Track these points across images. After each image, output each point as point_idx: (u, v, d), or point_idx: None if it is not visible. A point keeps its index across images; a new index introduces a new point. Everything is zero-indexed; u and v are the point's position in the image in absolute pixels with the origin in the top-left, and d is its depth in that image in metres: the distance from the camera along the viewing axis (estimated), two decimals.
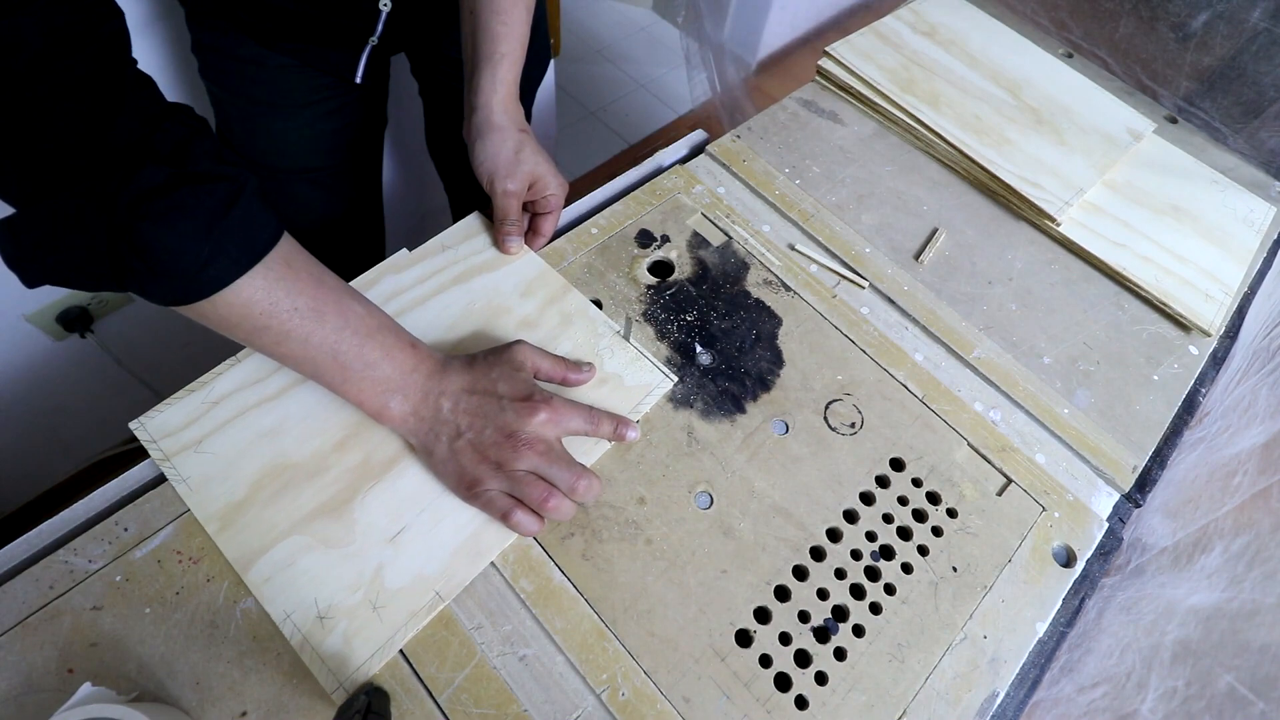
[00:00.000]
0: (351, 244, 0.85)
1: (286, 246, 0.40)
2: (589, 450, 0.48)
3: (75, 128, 0.33)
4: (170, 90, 0.80)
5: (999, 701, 0.44)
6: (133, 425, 0.45)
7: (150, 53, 0.79)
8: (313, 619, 0.40)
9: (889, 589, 0.47)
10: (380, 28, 0.63)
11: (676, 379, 0.52)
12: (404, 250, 0.56)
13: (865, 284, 0.61)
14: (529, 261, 0.57)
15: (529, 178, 0.56)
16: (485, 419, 0.43)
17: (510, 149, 0.56)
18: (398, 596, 0.41)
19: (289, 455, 0.45)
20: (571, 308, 0.55)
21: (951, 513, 0.50)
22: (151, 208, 0.34)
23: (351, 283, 0.53)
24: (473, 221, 0.59)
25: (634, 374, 0.52)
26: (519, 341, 0.48)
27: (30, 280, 0.35)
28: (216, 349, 0.45)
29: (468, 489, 0.43)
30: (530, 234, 0.58)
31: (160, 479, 0.44)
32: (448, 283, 0.55)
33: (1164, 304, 0.63)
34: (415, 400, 0.44)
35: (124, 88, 0.35)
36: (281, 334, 0.40)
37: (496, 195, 0.56)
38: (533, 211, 0.59)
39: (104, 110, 0.34)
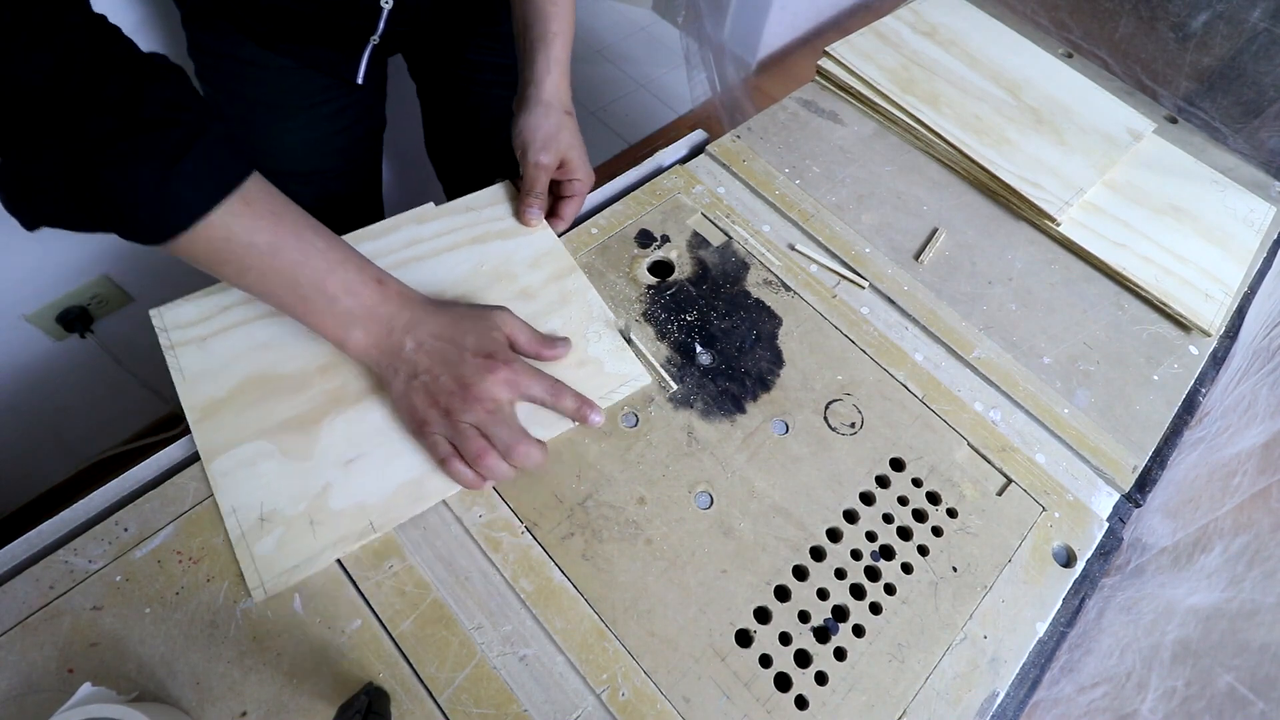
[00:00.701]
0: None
1: (250, 185, 0.41)
2: (550, 424, 0.49)
3: (33, 78, 0.34)
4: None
5: (999, 701, 0.44)
6: (152, 312, 0.50)
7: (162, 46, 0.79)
8: (255, 519, 0.42)
9: (889, 589, 0.46)
10: (382, 26, 0.63)
11: (676, 385, 0.52)
12: (430, 204, 0.58)
13: (865, 284, 0.61)
14: (545, 236, 0.58)
15: (561, 155, 0.58)
16: (444, 366, 0.45)
17: (552, 124, 0.58)
18: (335, 518, 0.43)
19: (276, 368, 0.48)
20: (572, 287, 0.56)
21: (951, 513, 0.50)
22: (106, 155, 0.35)
23: (374, 226, 0.56)
24: (500, 189, 0.61)
25: (615, 362, 0.53)
26: (504, 308, 0.50)
27: (27, 222, 0.37)
28: None
29: (417, 428, 0.45)
30: (551, 216, 0.60)
31: (160, 479, 0.44)
32: (463, 242, 0.57)
33: (1164, 304, 0.63)
34: (377, 334, 0.45)
35: (80, 38, 0.36)
36: (241, 268, 0.42)
37: (528, 165, 0.57)
38: (558, 194, 0.61)
39: (60, 61, 0.35)
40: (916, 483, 0.51)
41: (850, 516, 0.49)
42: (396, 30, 0.65)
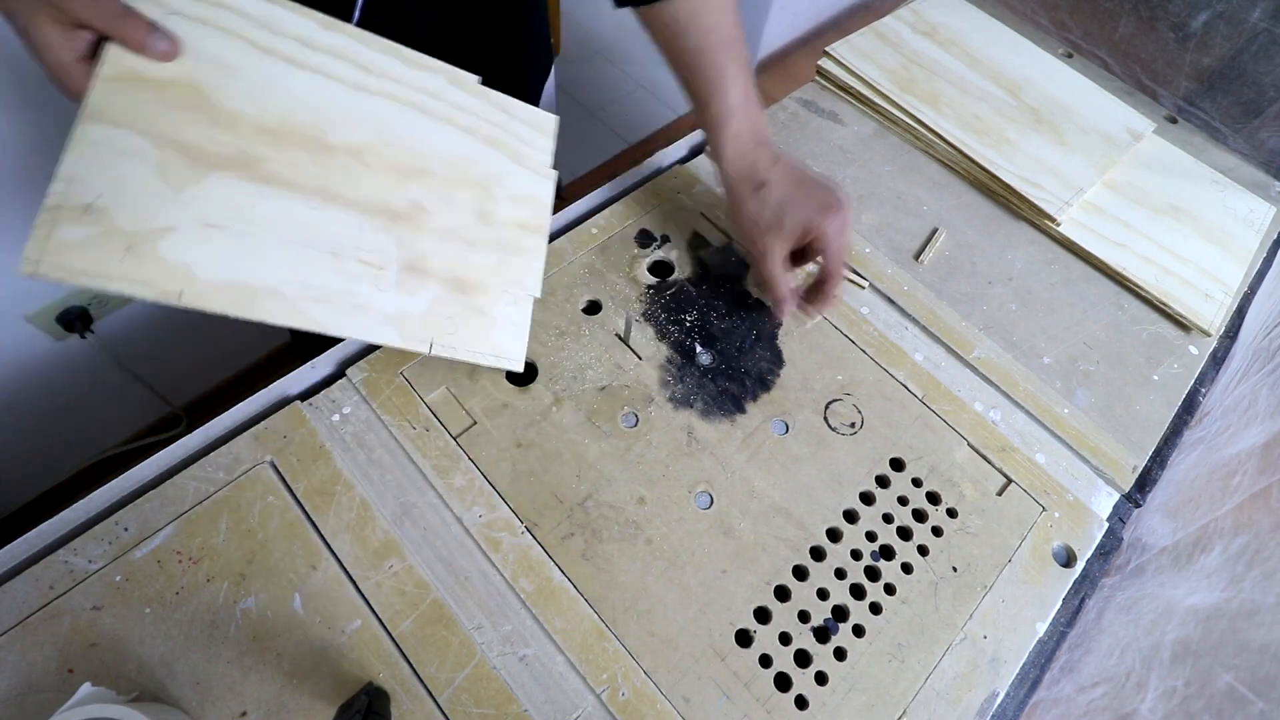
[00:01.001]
0: None
1: None
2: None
3: None
4: None
5: (999, 701, 0.44)
6: None
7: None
8: (81, 203, 0.36)
9: (889, 589, 0.47)
10: (357, 14, 0.62)
11: (521, 368, 0.49)
12: (476, 78, 0.51)
13: (865, 284, 0.61)
14: (545, 189, 0.52)
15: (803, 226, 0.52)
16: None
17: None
18: (154, 261, 0.38)
19: (220, 93, 0.41)
20: (528, 245, 0.50)
21: (951, 513, 0.50)
22: None
23: (407, 50, 0.49)
24: (549, 122, 0.54)
25: (505, 332, 0.48)
26: None
27: None
28: (216, 349, 0.44)
29: None
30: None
31: (160, 479, 0.44)
32: (478, 131, 0.50)
33: (1164, 304, 0.63)
34: None
35: None
36: None
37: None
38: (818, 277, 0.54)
39: None
40: (916, 483, 0.51)
41: (850, 516, 0.49)
42: (375, 22, 0.65)
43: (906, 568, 0.47)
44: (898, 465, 0.52)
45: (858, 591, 0.46)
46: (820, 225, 0.50)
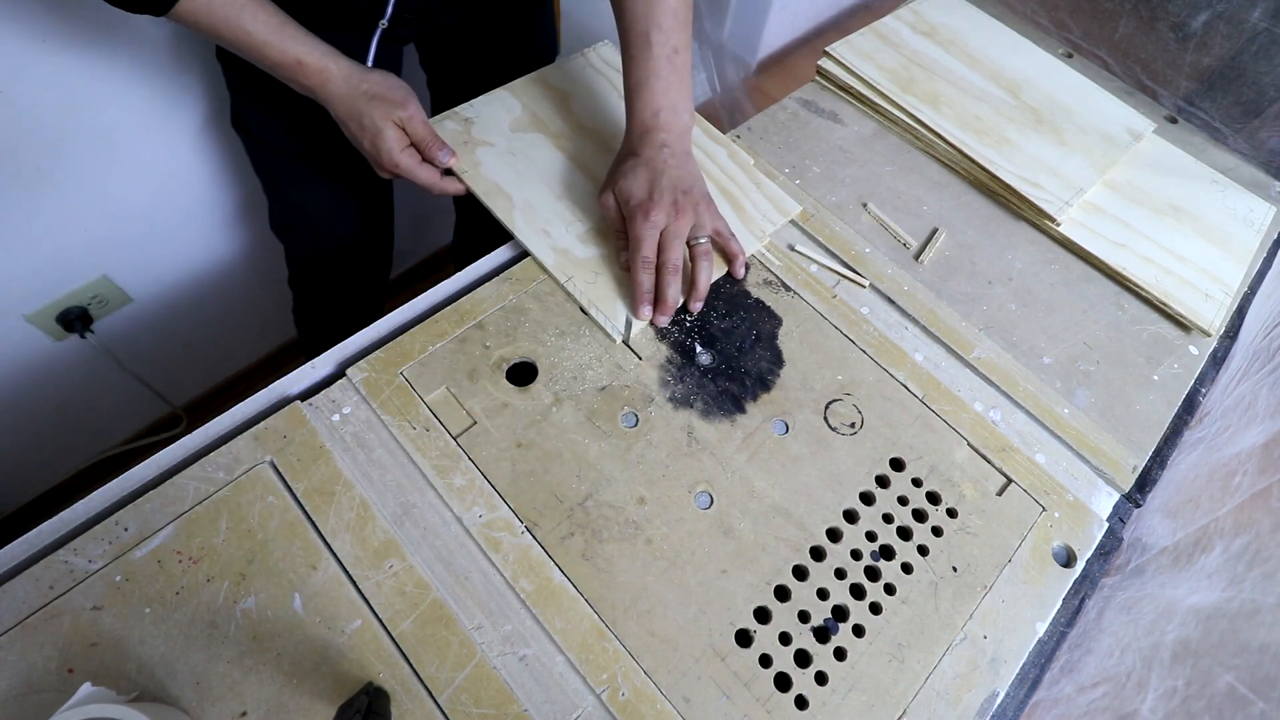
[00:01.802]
0: (362, 232, 0.85)
1: None
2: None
3: None
4: (188, 69, 0.80)
5: (999, 701, 0.44)
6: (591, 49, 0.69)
7: (167, 31, 0.78)
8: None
9: (889, 589, 0.46)
10: (390, 10, 0.63)
11: (620, 335, 0.54)
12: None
13: (866, 283, 0.61)
14: (750, 245, 0.61)
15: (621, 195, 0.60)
16: (355, 139, 0.60)
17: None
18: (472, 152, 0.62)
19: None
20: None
21: (951, 513, 0.50)
22: None
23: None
24: (794, 208, 0.64)
25: (621, 305, 0.55)
26: (410, 98, 0.59)
27: None
28: (216, 349, 0.44)
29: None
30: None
31: (160, 479, 0.44)
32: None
33: (1164, 304, 0.63)
34: (313, 95, 0.59)
35: None
36: (226, 43, 0.55)
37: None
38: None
39: None
40: (916, 483, 0.51)
41: (850, 516, 0.49)
42: (405, 17, 0.65)
43: (906, 568, 0.47)
44: (898, 465, 0.52)
45: (858, 591, 0.46)
46: (630, 210, 0.55)
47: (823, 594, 0.46)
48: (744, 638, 0.44)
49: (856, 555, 0.48)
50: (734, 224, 0.60)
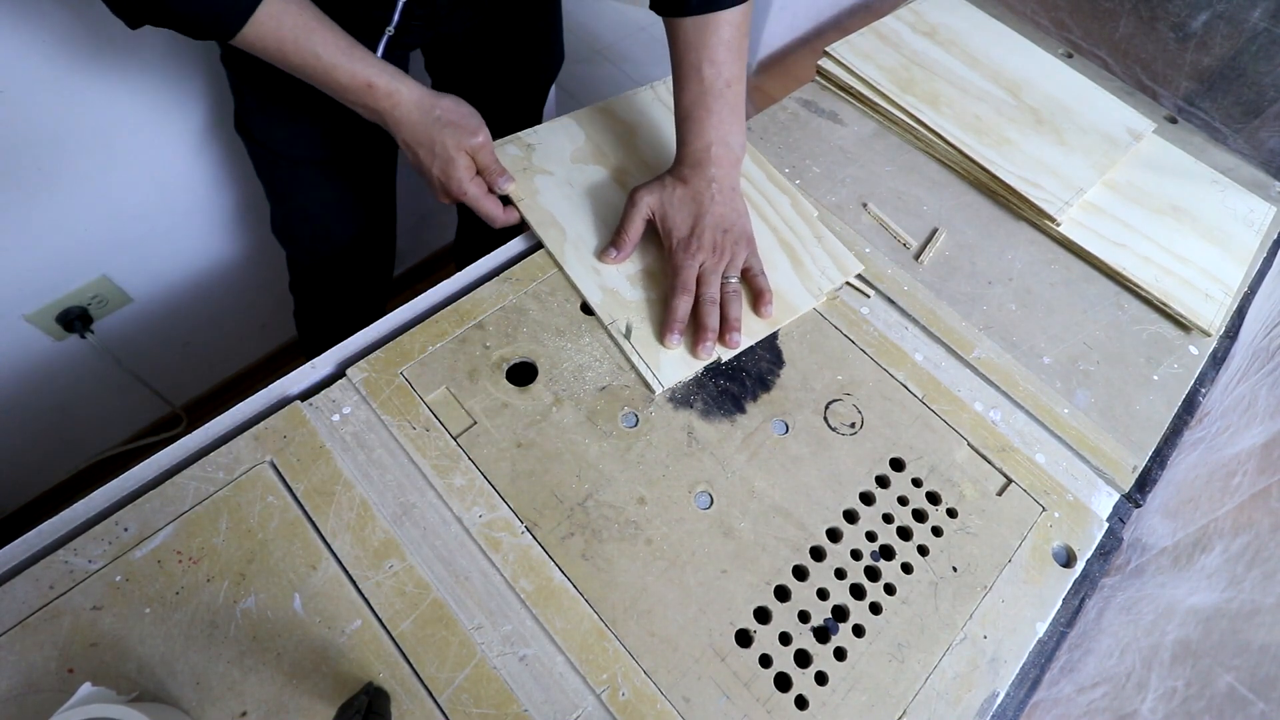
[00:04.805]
0: (365, 236, 0.85)
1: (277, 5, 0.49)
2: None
3: None
4: (192, 75, 0.80)
5: (999, 701, 0.44)
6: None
7: (169, 32, 0.78)
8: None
9: (889, 589, 0.47)
10: (397, 16, 0.63)
11: (662, 386, 0.52)
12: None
13: (870, 293, 0.61)
14: (805, 302, 0.59)
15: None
16: (424, 166, 0.59)
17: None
18: (530, 180, 0.62)
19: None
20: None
21: (951, 513, 0.50)
22: None
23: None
24: (855, 267, 0.62)
25: (671, 359, 0.54)
26: (482, 126, 0.58)
27: (130, 21, 0.48)
28: (216, 349, 0.44)
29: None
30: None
31: (160, 479, 0.44)
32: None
33: (1164, 304, 0.63)
34: (382, 122, 0.58)
35: None
36: (288, 63, 0.53)
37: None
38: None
39: None
40: (916, 483, 0.51)
41: (850, 516, 0.49)
42: (412, 24, 0.65)
43: (906, 568, 0.47)
44: (898, 465, 0.52)
45: (858, 591, 0.46)
46: (671, 244, 0.57)
47: (823, 594, 0.46)
48: (744, 638, 0.44)
49: (856, 555, 0.48)
50: (790, 278, 0.59)
